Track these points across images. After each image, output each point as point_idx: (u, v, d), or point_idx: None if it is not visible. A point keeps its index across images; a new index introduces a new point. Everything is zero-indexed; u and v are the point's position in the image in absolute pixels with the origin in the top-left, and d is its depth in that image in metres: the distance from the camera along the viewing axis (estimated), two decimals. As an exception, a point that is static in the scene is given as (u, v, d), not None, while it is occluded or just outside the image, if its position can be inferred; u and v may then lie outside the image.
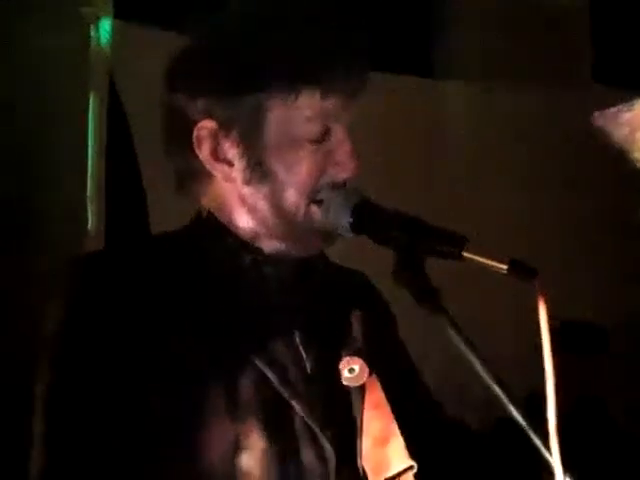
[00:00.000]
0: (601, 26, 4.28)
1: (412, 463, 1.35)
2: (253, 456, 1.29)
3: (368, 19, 1.39)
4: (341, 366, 1.38)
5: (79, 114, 2.74)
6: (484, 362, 1.19)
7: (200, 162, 1.37)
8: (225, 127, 1.35)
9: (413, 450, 1.36)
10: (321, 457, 1.32)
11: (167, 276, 1.35)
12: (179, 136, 1.38)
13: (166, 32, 2.91)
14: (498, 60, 4.17)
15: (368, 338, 1.44)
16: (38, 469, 1.27)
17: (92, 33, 2.76)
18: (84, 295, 1.32)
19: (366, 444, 1.36)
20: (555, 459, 1.13)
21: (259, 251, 1.39)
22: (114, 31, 2.78)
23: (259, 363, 1.33)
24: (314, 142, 1.34)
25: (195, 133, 1.35)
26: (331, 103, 1.34)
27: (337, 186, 1.35)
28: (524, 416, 1.17)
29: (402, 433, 1.37)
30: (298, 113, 1.33)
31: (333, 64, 1.33)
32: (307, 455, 1.32)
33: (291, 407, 1.33)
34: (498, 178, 4.00)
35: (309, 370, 1.36)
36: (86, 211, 2.74)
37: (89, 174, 2.74)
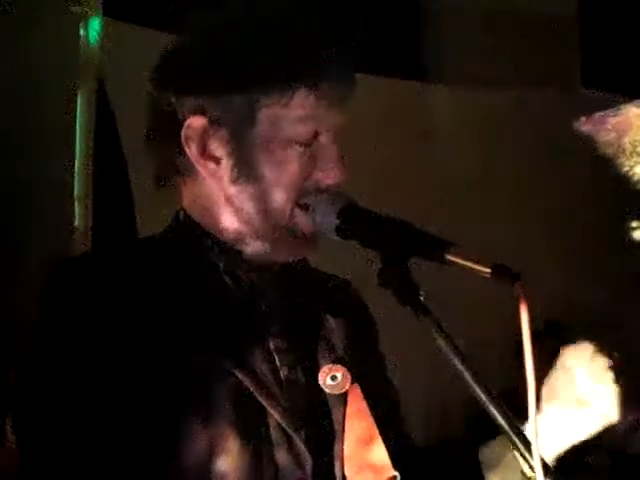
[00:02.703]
0: (589, 31, 4.30)
1: (395, 474, 1.34)
2: (228, 460, 1.27)
3: (358, 22, 1.40)
4: (323, 373, 1.37)
5: (67, 112, 2.74)
6: (468, 364, 1.19)
7: (186, 160, 1.36)
8: (215, 124, 1.34)
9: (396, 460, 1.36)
10: (297, 461, 1.31)
11: (145, 281, 1.34)
12: (166, 132, 1.36)
13: (155, 31, 2.91)
14: (487, 64, 4.18)
15: (350, 345, 1.43)
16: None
17: (81, 32, 2.75)
18: (64, 298, 1.31)
19: (348, 449, 1.35)
20: (536, 462, 1.13)
21: (237, 255, 1.38)
22: (103, 30, 2.77)
23: (233, 367, 1.31)
24: (302, 144, 1.34)
25: (184, 129, 1.34)
26: (324, 106, 1.34)
27: (322, 191, 1.34)
28: (506, 418, 1.18)
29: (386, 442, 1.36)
30: (290, 113, 1.33)
31: (329, 66, 1.33)
32: (283, 459, 1.31)
33: (266, 411, 1.32)
34: (487, 180, 4.01)
35: (282, 375, 1.35)
36: (73, 210, 2.73)
37: (76, 172, 2.74)
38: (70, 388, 1.26)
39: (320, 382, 1.37)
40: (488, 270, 1.17)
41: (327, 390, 1.37)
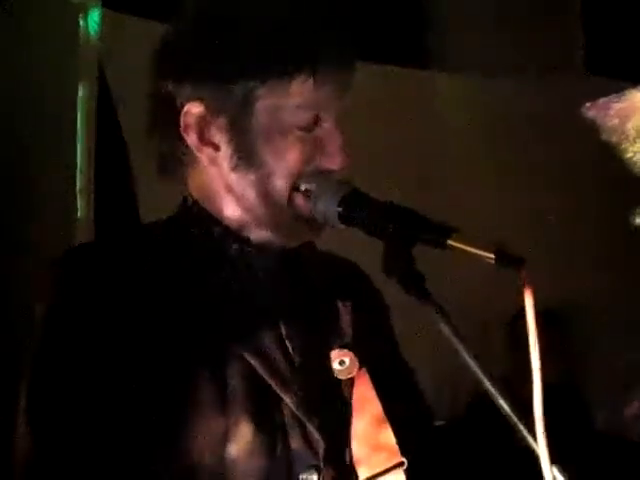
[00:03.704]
0: (593, 17, 4.28)
1: (402, 459, 1.34)
2: (241, 447, 1.28)
3: (361, 10, 1.39)
4: (331, 358, 1.38)
5: (68, 104, 2.73)
6: (474, 353, 1.18)
7: (186, 147, 1.36)
8: (214, 111, 1.34)
9: (402, 448, 1.36)
10: (310, 446, 1.32)
11: (154, 267, 1.34)
12: (166, 120, 1.36)
13: (155, 22, 2.90)
14: (491, 51, 4.16)
15: (358, 330, 1.43)
16: (23, 466, 1.27)
17: (81, 23, 2.75)
18: (75, 285, 1.31)
19: (359, 430, 1.36)
20: (542, 453, 1.12)
21: (246, 240, 1.38)
22: (103, 21, 2.76)
23: (246, 353, 1.32)
24: (303, 129, 1.34)
25: (183, 116, 1.34)
26: (323, 92, 1.33)
27: (323, 174, 1.34)
28: (512, 408, 1.17)
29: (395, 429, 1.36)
30: (289, 101, 1.32)
31: (328, 53, 1.32)
32: (296, 444, 1.31)
33: (279, 397, 1.32)
34: (492, 170, 4.00)
35: (296, 361, 1.36)
36: (76, 201, 2.73)
37: (78, 164, 2.74)
38: (83, 376, 1.27)
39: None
40: (492, 255, 1.17)
41: (336, 375, 1.37)
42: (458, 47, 4.17)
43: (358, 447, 1.35)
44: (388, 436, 1.35)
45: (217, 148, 1.35)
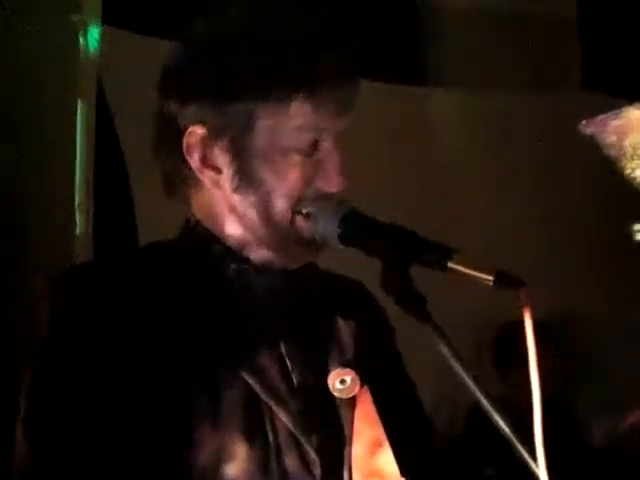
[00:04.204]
0: (589, 33, 4.29)
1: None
2: (235, 465, 1.28)
3: (358, 28, 1.39)
4: (332, 377, 1.38)
5: (67, 121, 2.73)
6: (471, 372, 1.19)
7: (190, 168, 1.37)
8: (215, 134, 1.35)
9: (403, 467, 1.35)
10: (306, 467, 1.32)
11: (155, 287, 1.35)
12: (170, 141, 1.37)
13: (154, 39, 2.91)
14: (487, 67, 4.18)
15: (361, 349, 1.43)
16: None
17: (80, 40, 2.75)
18: (71, 308, 1.32)
19: (356, 454, 1.35)
20: (542, 472, 1.13)
21: (246, 260, 1.38)
22: (102, 38, 2.77)
23: (244, 373, 1.32)
24: (303, 153, 1.34)
25: (185, 139, 1.35)
26: (322, 114, 1.34)
27: (324, 199, 1.34)
28: (509, 426, 1.17)
29: (392, 447, 1.36)
30: (288, 122, 1.33)
31: (327, 74, 1.33)
32: (292, 464, 1.31)
33: (276, 416, 1.32)
34: (489, 183, 4.01)
35: (295, 380, 1.36)
36: (74, 217, 2.73)
37: (77, 180, 2.74)
38: (81, 393, 1.27)
39: (329, 386, 1.37)
40: (491, 278, 1.17)
41: (336, 394, 1.37)
42: (455, 64, 4.18)
43: (357, 469, 1.34)
44: (387, 457, 1.35)
45: (219, 171, 1.36)
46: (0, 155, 2.66)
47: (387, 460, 1.34)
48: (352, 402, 1.37)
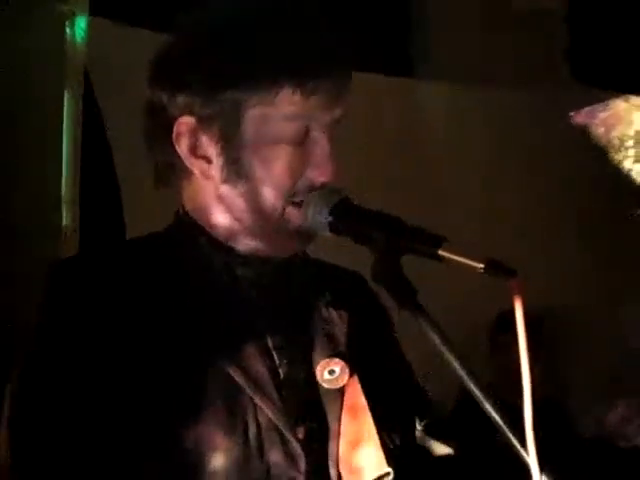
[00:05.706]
0: (579, 26, 4.30)
1: (388, 470, 1.33)
2: (217, 459, 1.27)
3: (347, 19, 1.39)
4: (320, 367, 1.36)
5: (54, 111, 2.72)
6: (463, 362, 1.18)
7: (179, 158, 1.36)
8: (204, 124, 1.34)
9: (397, 454, 1.35)
10: (290, 460, 1.30)
11: (140, 280, 1.34)
12: (161, 132, 1.36)
13: (142, 30, 2.90)
14: (477, 59, 4.18)
15: (353, 339, 1.42)
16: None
17: (67, 30, 2.74)
18: (58, 303, 1.32)
19: (342, 447, 1.34)
20: (532, 461, 1.12)
21: (233, 251, 1.38)
22: (89, 28, 2.76)
23: (228, 367, 1.31)
24: (293, 143, 1.33)
25: (175, 129, 1.34)
26: (313, 105, 1.33)
27: (314, 189, 1.34)
28: (502, 417, 1.17)
29: (386, 436, 1.35)
30: (278, 112, 1.32)
31: (315, 63, 1.32)
32: (275, 458, 1.30)
33: (259, 409, 1.31)
34: (478, 176, 4.01)
35: (282, 373, 1.35)
36: (60, 210, 2.72)
37: (64, 172, 2.73)
38: (68, 389, 1.27)
39: (317, 377, 1.36)
40: (481, 265, 1.16)
41: (325, 385, 1.35)
42: (443, 56, 4.19)
43: (342, 462, 1.33)
44: (375, 446, 1.33)
45: (209, 161, 1.35)
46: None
47: (368, 454, 1.33)
48: (340, 394, 1.36)
